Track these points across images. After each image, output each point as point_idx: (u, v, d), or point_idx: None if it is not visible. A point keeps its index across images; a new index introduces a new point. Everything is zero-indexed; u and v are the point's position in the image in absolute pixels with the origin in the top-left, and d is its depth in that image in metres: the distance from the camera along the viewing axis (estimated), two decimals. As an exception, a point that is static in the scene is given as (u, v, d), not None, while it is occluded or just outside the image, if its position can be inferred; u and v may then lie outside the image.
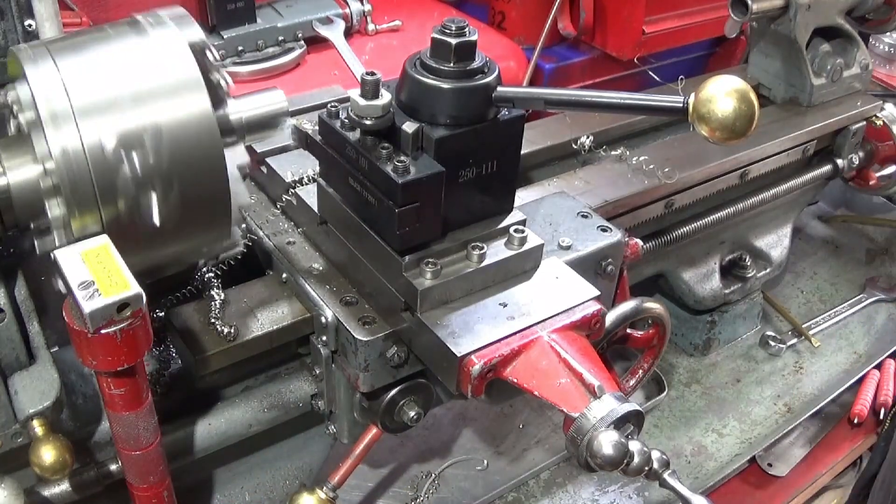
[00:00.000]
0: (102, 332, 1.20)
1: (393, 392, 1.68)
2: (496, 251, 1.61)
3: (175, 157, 1.32)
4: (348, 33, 3.19)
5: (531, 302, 1.58)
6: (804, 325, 3.05)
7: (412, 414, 1.71)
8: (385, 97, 1.46)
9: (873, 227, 3.54)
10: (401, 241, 1.51)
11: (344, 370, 1.69)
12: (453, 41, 1.48)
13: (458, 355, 1.46)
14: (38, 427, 1.49)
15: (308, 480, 2.02)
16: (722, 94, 1.35)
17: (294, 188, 1.83)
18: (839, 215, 3.63)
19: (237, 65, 2.95)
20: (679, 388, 2.85)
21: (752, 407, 2.79)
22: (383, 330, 1.59)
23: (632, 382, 2.14)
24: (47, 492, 1.60)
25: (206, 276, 1.72)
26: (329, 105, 1.58)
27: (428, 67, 1.50)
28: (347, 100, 1.50)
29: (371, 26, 3.22)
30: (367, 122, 1.46)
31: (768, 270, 2.88)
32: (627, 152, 2.35)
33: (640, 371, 2.14)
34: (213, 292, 1.70)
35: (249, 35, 2.97)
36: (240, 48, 2.96)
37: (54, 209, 1.32)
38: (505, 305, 1.57)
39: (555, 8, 3.16)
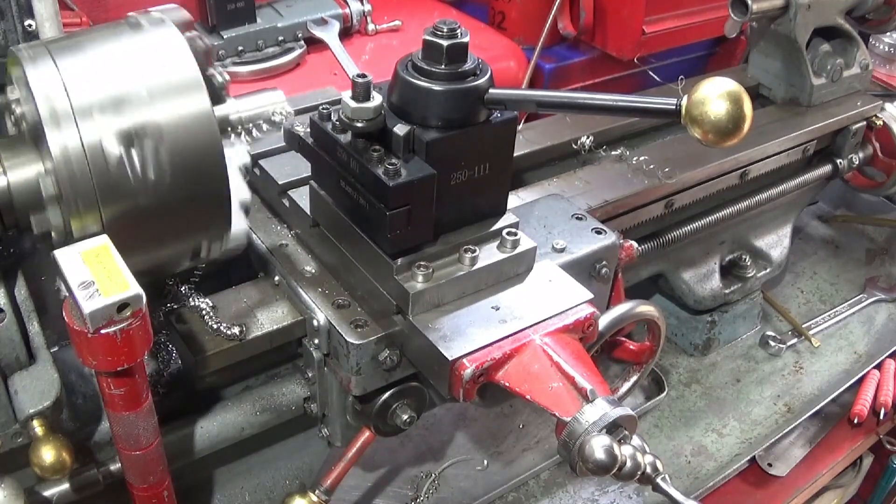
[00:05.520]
0: (102, 332, 1.20)
1: (385, 395, 1.68)
2: (489, 254, 1.61)
3: (175, 157, 1.33)
4: (348, 33, 3.19)
5: (524, 305, 1.57)
6: (804, 325, 3.04)
7: (405, 417, 1.70)
8: (376, 99, 1.46)
9: (873, 227, 3.53)
10: (392, 245, 1.51)
11: (336, 373, 1.68)
12: (445, 43, 1.47)
13: (450, 359, 1.45)
14: (38, 427, 1.49)
15: (308, 480, 2.02)
16: (714, 96, 1.34)
17: (286, 190, 1.83)
18: (839, 215, 3.61)
19: (237, 65, 2.95)
20: (679, 388, 2.84)
21: (752, 407, 2.78)
22: (375, 333, 1.58)
23: (626, 386, 2.14)
24: (47, 492, 1.60)
25: (182, 287, 1.72)
26: (321, 107, 1.58)
27: (419, 69, 1.49)
28: (340, 101, 1.49)
29: (371, 26, 3.22)
30: (359, 125, 1.46)
31: (768, 270, 2.87)
32: (627, 152, 2.36)
33: (636, 374, 2.14)
34: (197, 302, 1.70)
35: (249, 35, 2.98)
36: (240, 48, 2.96)
37: (54, 209, 1.32)
38: (497, 309, 1.56)
39: (555, 8, 3.16)
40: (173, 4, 1.45)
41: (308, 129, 1.62)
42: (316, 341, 1.68)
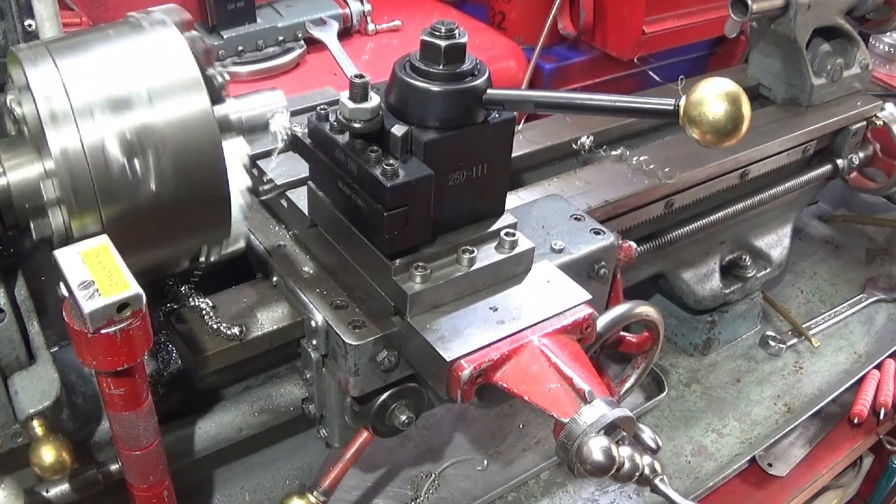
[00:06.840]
0: (102, 332, 1.20)
1: (384, 396, 1.68)
2: (487, 255, 1.60)
3: (175, 157, 1.32)
4: (348, 33, 3.19)
5: (522, 306, 1.57)
6: (804, 325, 3.04)
7: (403, 418, 1.70)
8: (374, 100, 1.45)
9: (873, 227, 3.53)
10: (390, 245, 1.51)
11: (334, 374, 1.68)
12: (443, 43, 1.47)
13: (448, 360, 1.45)
14: (38, 427, 1.50)
15: (308, 481, 2.02)
16: (713, 96, 1.33)
17: (284, 191, 1.82)
18: (839, 215, 3.61)
19: (237, 65, 2.94)
20: (679, 388, 2.84)
21: (752, 407, 2.78)
22: (373, 334, 1.58)
23: (625, 387, 2.13)
24: (47, 492, 1.60)
25: (182, 287, 1.72)
26: (318, 108, 1.58)
27: (417, 70, 1.49)
28: (338, 102, 1.49)
29: (371, 26, 3.21)
30: (356, 125, 1.46)
31: (768, 270, 2.87)
32: (627, 152, 2.35)
33: (634, 375, 2.13)
34: (197, 302, 1.70)
35: (249, 35, 2.97)
36: (240, 48, 2.96)
37: (54, 209, 1.32)
38: (495, 310, 1.56)
39: (555, 8, 3.15)
40: (173, 5, 1.45)
41: (306, 130, 1.62)
42: (314, 342, 1.67)
